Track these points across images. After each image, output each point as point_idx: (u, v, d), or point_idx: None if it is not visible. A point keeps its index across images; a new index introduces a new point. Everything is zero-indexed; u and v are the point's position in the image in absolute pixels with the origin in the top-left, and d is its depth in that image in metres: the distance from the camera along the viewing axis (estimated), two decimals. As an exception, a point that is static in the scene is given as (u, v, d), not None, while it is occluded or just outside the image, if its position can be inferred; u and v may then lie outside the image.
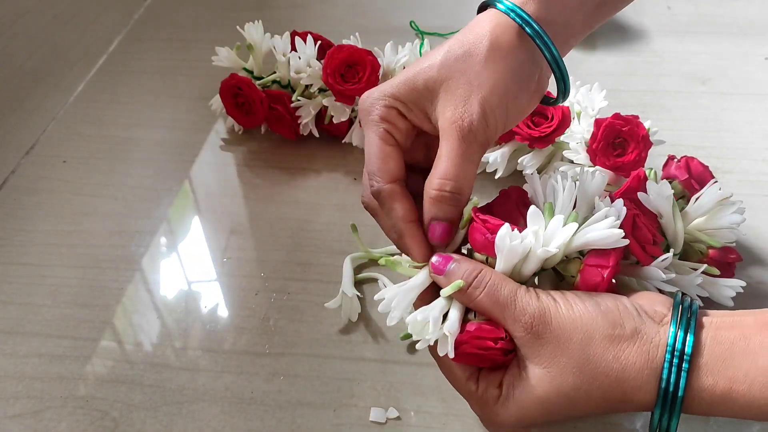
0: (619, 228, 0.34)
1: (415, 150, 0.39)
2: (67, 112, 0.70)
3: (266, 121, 0.62)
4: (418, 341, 0.35)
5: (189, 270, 0.53)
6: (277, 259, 0.53)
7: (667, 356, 0.30)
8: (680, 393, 0.30)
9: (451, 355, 0.34)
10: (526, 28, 0.36)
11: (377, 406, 0.42)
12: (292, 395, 0.43)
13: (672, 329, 0.31)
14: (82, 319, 0.49)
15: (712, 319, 0.32)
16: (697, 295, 0.41)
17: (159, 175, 0.61)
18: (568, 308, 0.33)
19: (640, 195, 0.42)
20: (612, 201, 0.37)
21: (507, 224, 0.34)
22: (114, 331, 0.48)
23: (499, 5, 0.36)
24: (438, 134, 0.36)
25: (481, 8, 0.39)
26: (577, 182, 0.38)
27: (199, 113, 0.68)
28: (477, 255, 0.36)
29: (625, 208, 0.36)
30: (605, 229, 0.34)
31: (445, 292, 0.35)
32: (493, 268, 0.35)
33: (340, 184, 0.59)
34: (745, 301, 0.41)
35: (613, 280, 0.35)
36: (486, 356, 0.34)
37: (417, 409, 0.42)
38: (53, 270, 0.53)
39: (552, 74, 0.38)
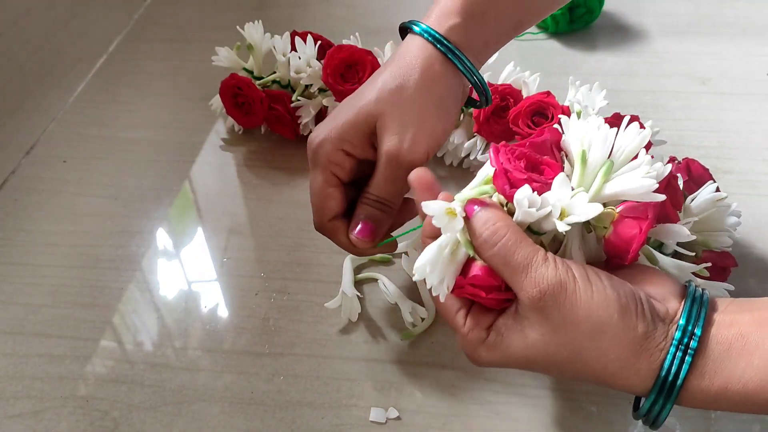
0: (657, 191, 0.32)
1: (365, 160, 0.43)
2: (67, 112, 0.70)
3: (266, 121, 0.62)
4: (416, 338, 0.35)
5: (189, 270, 0.53)
6: (277, 259, 0.53)
7: (672, 349, 0.30)
8: (679, 382, 0.30)
9: (442, 299, 0.33)
10: (449, 55, 0.41)
11: (377, 406, 0.42)
12: (292, 395, 0.43)
13: (681, 323, 0.31)
14: (82, 319, 0.49)
15: (717, 317, 0.32)
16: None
17: (159, 175, 0.61)
18: (587, 293, 0.31)
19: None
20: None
21: (527, 186, 0.32)
22: (114, 331, 0.48)
23: (415, 27, 0.42)
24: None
25: (402, 29, 0.44)
26: (618, 133, 0.35)
27: (199, 113, 0.68)
28: (499, 196, 0.34)
29: (669, 166, 0.35)
30: (637, 178, 0.32)
31: (463, 194, 0.34)
32: (512, 214, 0.33)
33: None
34: (743, 282, 0.41)
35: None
36: (481, 300, 0.33)
37: (417, 409, 0.42)
38: (53, 270, 0.53)
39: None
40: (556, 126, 0.39)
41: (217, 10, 0.87)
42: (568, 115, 0.52)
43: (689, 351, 0.30)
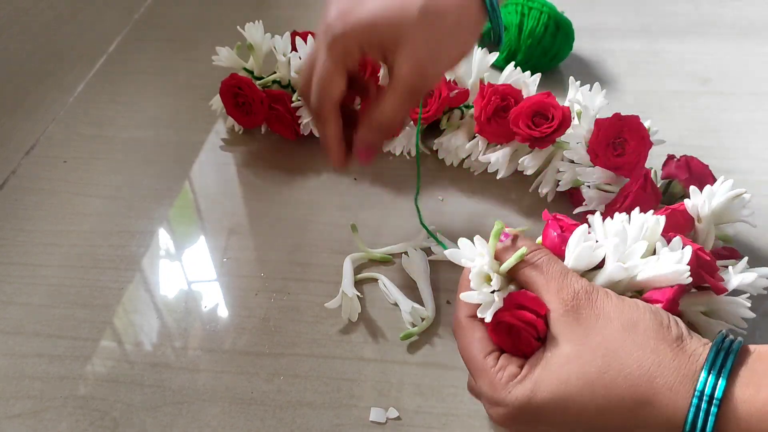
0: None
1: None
2: (67, 112, 0.70)
3: (266, 121, 0.62)
4: (416, 338, 0.35)
5: (189, 270, 0.53)
6: (277, 259, 0.53)
7: (695, 401, 0.28)
8: (721, 384, 0.28)
9: (488, 319, 0.33)
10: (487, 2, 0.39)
11: (377, 406, 0.42)
12: (292, 395, 0.43)
13: (704, 373, 0.28)
14: (82, 319, 0.49)
15: (757, 347, 0.30)
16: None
17: (159, 175, 0.61)
18: (619, 298, 0.32)
19: (686, 202, 0.41)
20: (668, 241, 0.36)
21: (584, 225, 0.34)
22: (114, 331, 0.48)
23: None
24: (383, 63, 0.41)
25: None
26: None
27: (199, 113, 0.68)
28: None
29: (690, 247, 0.35)
30: (672, 264, 0.33)
31: (506, 264, 0.34)
32: None
33: (340, 184, 0.59)
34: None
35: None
36: (519, 332, 0.33)
37: (417, 409, 0.42)
38: (53, 270, 0.53)
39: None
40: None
41: (217, 10, 0.87)
42: (569, 115, 0.52)
43: (715, 401, 0.28)
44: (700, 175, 0.47)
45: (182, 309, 0.49)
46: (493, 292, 0.34)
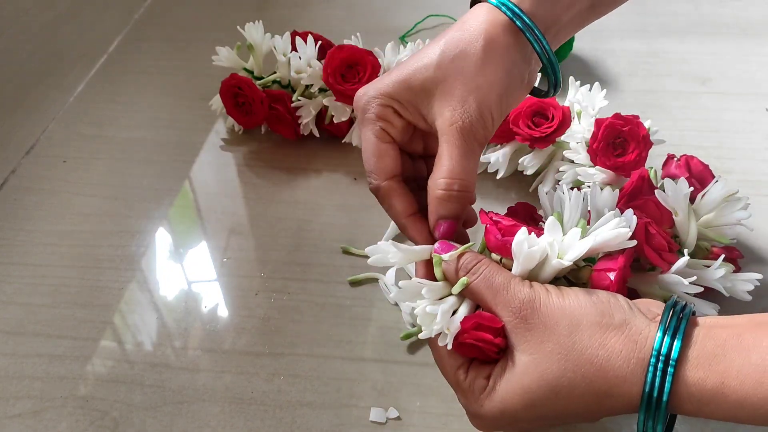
0: (632, 238, 0.35)
1: (413, 143, 0.40)
2: (67, 112, 0.70)
3: (266, 121, 0.62)
4: (416, 338, 0.36)
5: (189, 270, 0.53)
6: (277, 259, 0.53)
7: (652, 360, 0.29)
8: (664, 398, 0.29)
9: (449, 347, 0.34)
10: (517, 22, 0.36)
11: (377, 406, 0.42)
12: (292, 395, 0.43)
13: (659, 333, 0.30)
14: (82, 319, 0.49)
15: (706, 320, 0.31)
16: (720, 295, 0.41)
17: (159, 175, 0.61)
18: (559, 297, 0.33)
19: (659, 194, 0.42)
20: (621, 213, 0.37)
21: (524, 228, 0.34)
22: (114, 331, 0.48)
23: (507, 12, 0.37)
24: (432, 131, 0.38)
25: (474, 2, 0.40)
26: (587, 196, 0.38)
27: (199, 113, 0.68)
28: (493, 255, 0.37)
29: (635, 217, 0.36)
30: (611, 229, 0.35)
31: (455, 289, 0.35)
32: (508, 269, 0.35)
33: (340, 184, 0.59)
34: (744, 301, 0.41)
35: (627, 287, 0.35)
36: (481, 349, 0.34)
37: (417, 409, 0.42)
38: (53, 270, 0.53)
39: (541, 66, 0.39)
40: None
41: (217, 10, 0.87)
42: (569, 115, 0.52)
43: (671, 362, 0.29)
44: (700, 174, 0.47)
45: (182, 309, 0.49)
46: (453, 312, 0.35)
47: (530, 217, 0.42)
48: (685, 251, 0.39)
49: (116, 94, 0.73)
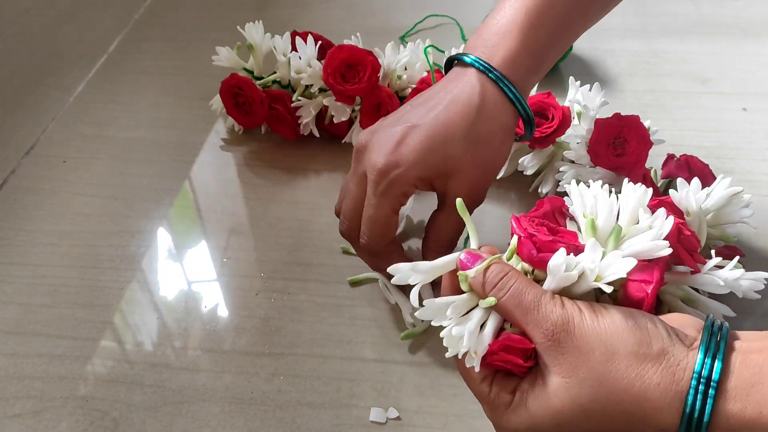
0: (665, 239, 0.34)
1: None
2: (67, 112, 0.70)
3: (266, 121, 0.62)
4: (416, 338, 0.35)
5: (189, 270, 0.53)
6: (277, 259, 0.53)
7: (693, 383, 0.29)
8: (705, 419, 0.28)
9: (477, 369, 0.33)
10: (509, 93, 0.42)
11: (377, 406, 0.42)
12: (292, 395, 0.43)
13: (700, 355, 0.29)
14: (82, 319, 0.49)
15: (741, 343, 0.31)
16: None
17: (159, 175, 0.61)
18: (593, 320, 0.31)
19: (672, 194, 0.42)
20: (653, 212, 0.36)
21: (563, 250, 0.33)
22: (114, 331, 0.48)
23: (468, 59, 0.43)
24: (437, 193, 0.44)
25: (449, 63, 0.46)
26: (618, 194, 0.37)
27: (199, 113, 0.68)
28: (524, 264, 0.35)
29: (671, 217, 0.35)
30: (650, 240, 0.33)
31: (482, 304, 0.34)
32: (538, 282, 0.34)
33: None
34: (746, 300, 0.41)
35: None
36: (510, 368, 0.33)
37: (417, 409, 0.42)
38: (53, 270, 0.53)
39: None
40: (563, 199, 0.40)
41: (217, 10, 0.87)
42: (569, 115, 0.52)
43: (712, 383, 0.29)
44: (700, 174, 0.47)
45: (182, 309, 0.49)
46: (481, 325, 0.34)
47: (559, 212, 0.40)
48: (713, 255, 0.39)
49: (116, 94, 0.73)
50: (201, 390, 0.44)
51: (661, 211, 0.36)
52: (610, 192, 0.37)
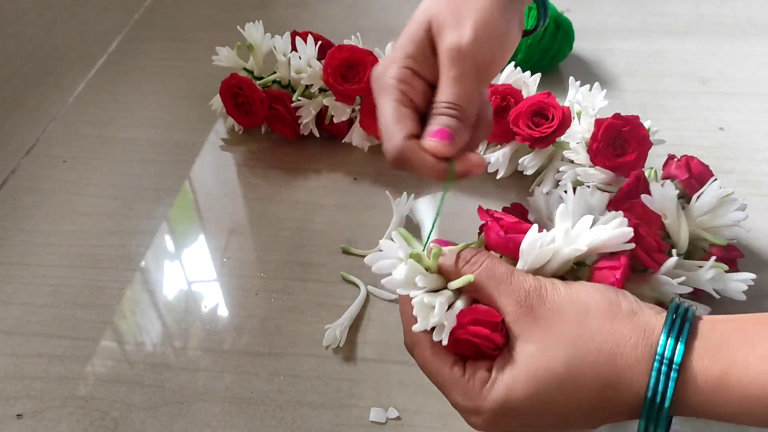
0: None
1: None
2: (67, 112, 0.70)
3: (266, 121, 0.62)
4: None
5: (189, 270, 0.53)
6: (277, 259, 0.53)
7: (656, 364, 0.29)
8: (666, 403, 0.29)
9: (445, 342, 0.33)
10: None
11: (377, 406, 0.42)
12: (292, 395, 0.43)
13: (663, 336, 0.30)
14: (82, 319, 0.49)
15: (710, 317, 0.31)
16: (711, 296, 0.41)
17: (159, 175, 0.61)
18: (566, 287, 0.32)
19: (644, 197, 0.42)
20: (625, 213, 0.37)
21: (536, 226, 0.34)
22: (114, 331, 0.48)
23: None
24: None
25: None
26: (583, 195, 0.39)
27: (199, 113, 0.68)
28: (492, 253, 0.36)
29: (626, 220, 0.36)
30: (615, 228, 0.35)
31: (455, 284, 0.34)
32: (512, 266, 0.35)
33: (340, 184, 0.59)
34: (746, 300, 0.41)
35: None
36: (478, 345, 0.33)
37: (417, 409, 0.42)
38: (53, 270, 0.53)
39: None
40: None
41: (217, 10, 0.87)
42: (569, 115, 0.52)
43: (674, 366, 0.29)
44: (700, 175, 0.47)
45: (182, 309, 0.49)
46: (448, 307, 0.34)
47: (524, 218, 0.42)
48: (674, 252, 0.39)
49: (116, 94, 0.73)
50: (201, 390, 0.44)
51: (618, 213, 0.37)
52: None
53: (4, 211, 0.59)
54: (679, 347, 0.29)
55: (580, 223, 0.35)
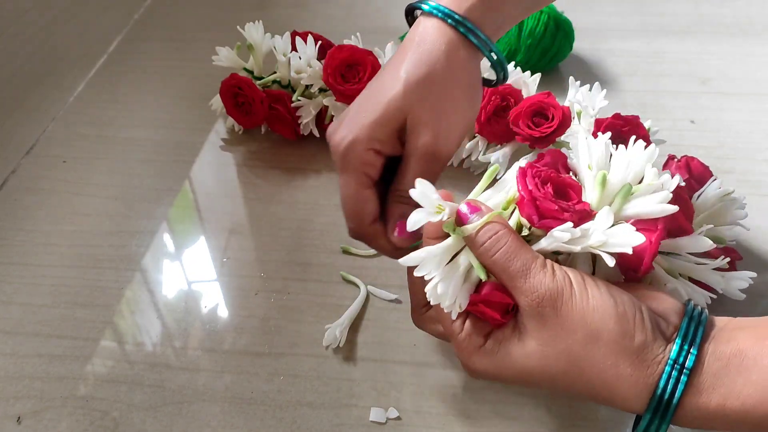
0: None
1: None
2: (67, 112, 0.70)
3: (266, 121, 0.62)
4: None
5: (189, 270, 0.53)
6: (277, 259, 0.53)
7: (667, 368, 0.30)
8: (674, 401, 0.29)
9: (454, 317, 0.33)
10: (472, 38, 0.38)
11: (377, 406, 0.42)
12: (292, 395, 0.43)
13: (678, 341, 0.30)
14: (82, 319, 0.49)
15: (715, 333, 0.31)
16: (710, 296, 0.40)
17: (159, 175, 0.61)
18: (582, 298, 0.31)
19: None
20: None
21: (569, 224, 0.32)
22: (114, 331, 0.48)
23: (426, 7, 0.39)
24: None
25: (410, 10, 0.42)
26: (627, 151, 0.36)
27: (199, 113, 0.68)
28: (522, 219, 0.34)
29: (677, 177, 0.34)
30: (656, 203, 0.33)
31: (474, 264, 0.33)
32: (534, 238, 0.34)
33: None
34: (746, 300, 0.41)
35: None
36: (492, 321, 0.33)
37: (417, 409, 0.42)
38: (53, 270, 0.53)
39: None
40: (561, 149, 0.39)
41: (217, 10, 0.87)
42: (569, 115, 0.52)
43: (685, 371, 0.30)
44: (700, 176, 0.47)
45: (182, 309, 0.49)
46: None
47: (563, 165, 0.38)
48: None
49: (116, 94, 0.73)
50: (201, 390, 0.44)
51: (668, 173, 0.35)
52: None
53: (4, 211, 0.59)
54: (692, 353, 0.30)
55: (619, 228, 0.32)
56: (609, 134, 0.37)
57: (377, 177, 0.40)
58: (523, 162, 0.36)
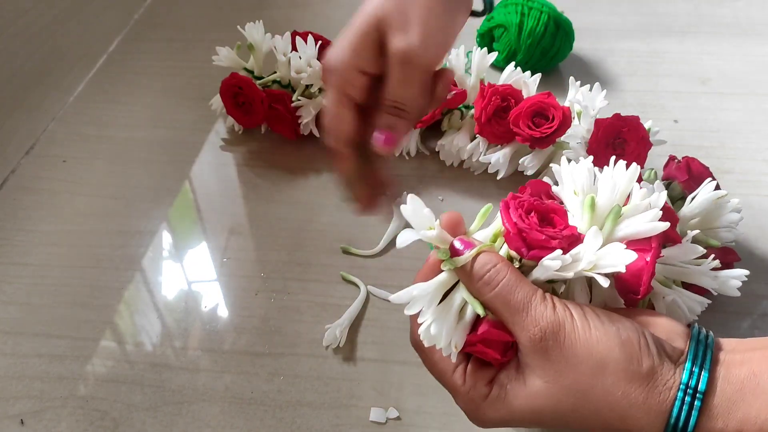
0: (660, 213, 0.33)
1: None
2: (67, 112, 0.70)
3: (266, 120, 0.62)
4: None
5: (189, 270, 0.53)
6: (277, 259, 0.53)
7: (680, 394, 0.29)
8: (690, 429, 0.29)
9: (454, 359, 0.32)
10: None
11: (377, 406, 0.42)
12: (292, 395, 0.43)
13: (687, 366, 0.29)
14: (82, 319, 0.49)
15: (725, 355, 0.31)
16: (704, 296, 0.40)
17: (159, 175, 0.61)
18: (585, 329, 0.30)
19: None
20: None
21: (559, 252, 0.31)
22: (114, 331, 0.48)
23: None
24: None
25: None
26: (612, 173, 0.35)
27: (199, 113, 0.68)
28: (511, 252, 0.34)
29: (664, 194, 0.34)
30: (647, 222, 0.32)
31: (471, 302, 0.32)
32: (526, 269, 0.33)
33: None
34: (746, 301, 0.41)
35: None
36: (491, 359, 0.32)
37: (417, 409, 0.42)
38: (53, 270, 0.53)
39: None
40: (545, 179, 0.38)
41: (217, 10, 0.87)
42: (569, 115, 0.52)
43: (698, 395, 0.29)
44: (700, 176, 0.47)
45: (182, 309, 0.49)
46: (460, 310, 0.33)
47: (545, 195, 0.38)
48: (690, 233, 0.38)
49: (116, 94, 0.73)
50: (201, 390, 0.44)
51: (659, 185, 0.35)
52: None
53: (4, 211, 0.59)
54: (703, 375, 0.29)
55: (611, 248, 0.32)
56: (591, 158, 0.36)
57: (361, 98, 0.40)
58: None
